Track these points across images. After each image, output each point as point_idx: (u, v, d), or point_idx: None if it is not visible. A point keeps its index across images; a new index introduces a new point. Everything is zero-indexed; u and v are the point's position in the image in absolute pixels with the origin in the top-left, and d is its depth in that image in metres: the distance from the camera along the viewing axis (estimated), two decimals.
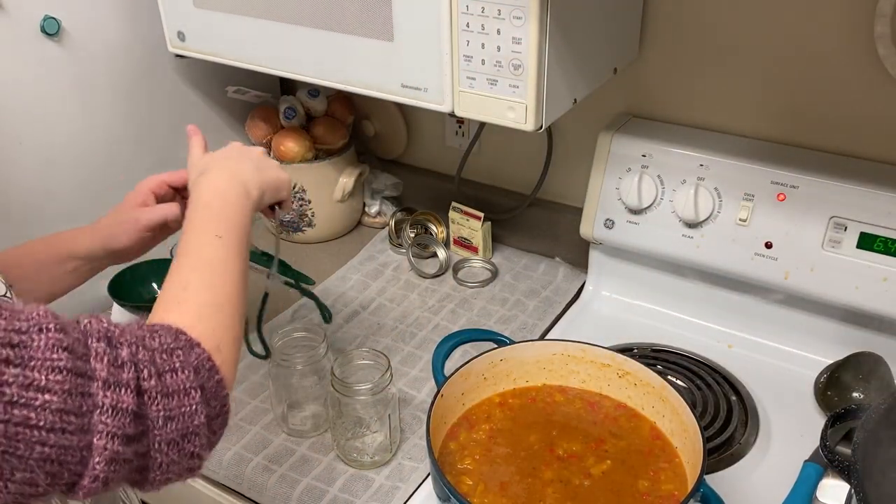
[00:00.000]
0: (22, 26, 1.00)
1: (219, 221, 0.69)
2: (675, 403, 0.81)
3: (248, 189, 0.75)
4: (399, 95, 0.92)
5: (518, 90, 0.82)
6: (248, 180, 0.76)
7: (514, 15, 0.78)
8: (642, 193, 1.03)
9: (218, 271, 0.65)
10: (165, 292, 0.63)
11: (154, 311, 0.62)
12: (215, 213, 0.70)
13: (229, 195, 0.73)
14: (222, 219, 0.70)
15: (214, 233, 0.68)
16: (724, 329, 1.07)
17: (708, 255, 1.01)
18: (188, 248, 0.67)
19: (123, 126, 1.17)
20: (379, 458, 0.89)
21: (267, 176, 0.79)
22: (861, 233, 0.91)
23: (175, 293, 0.63)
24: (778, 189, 0.95)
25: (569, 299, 1.17)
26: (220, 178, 0.74)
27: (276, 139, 1.27)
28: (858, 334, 0.97)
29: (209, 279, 0.64)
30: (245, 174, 0.76)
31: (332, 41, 0.93)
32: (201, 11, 1.04)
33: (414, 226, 1.31)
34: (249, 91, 1.29)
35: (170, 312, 0.60)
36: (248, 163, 0.78)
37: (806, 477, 0.83)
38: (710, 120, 1.06)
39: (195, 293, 0.62)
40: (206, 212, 0.70)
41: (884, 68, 0.89)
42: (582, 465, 0.79)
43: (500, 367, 0.88)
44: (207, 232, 0.68)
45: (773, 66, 0.98)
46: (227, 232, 0.68)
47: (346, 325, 1.13)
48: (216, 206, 0.71)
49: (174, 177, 0.87)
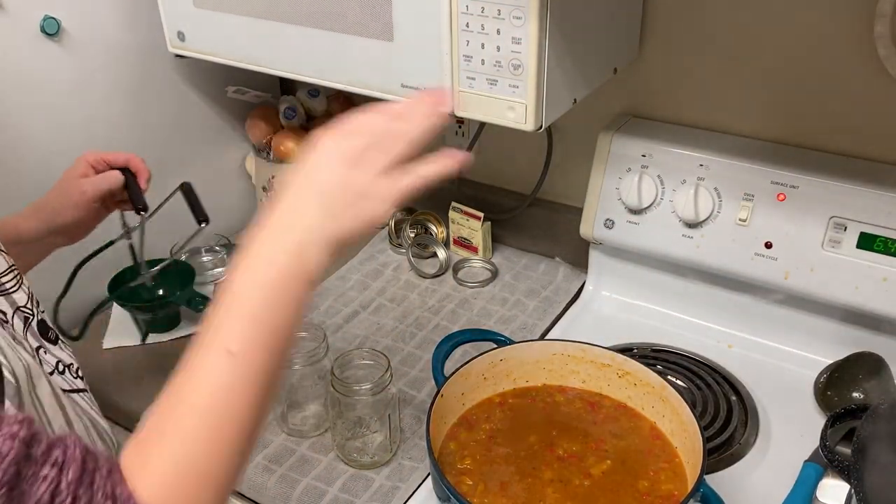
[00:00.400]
0: (22, 26, 1.00)
1: (240, 327, 0.49)
2: (675, 403, 0.81)
3: (308, 264, 0.51)
4: (399, 95, 0.91)
5: (518, 90, 0.82)
6: (316, 243, 0.51)
7: (514, 15, 0.78)
8: (642, 193, 1.03)
9: (214, 419, 0.47)
10: (145, 427, 0.48)
11: (131, 443, 0.48)
12: (241, 310, 0.49)
13: (270, 276, 0.50)
14: (247, 322, 0.49)
15: (227, 345, 0.48)
16: (724, 329, 1.07)
17: (708, 255, 1.01)
18: (188, 363, 0.50)
19: (123, 126, 1.17)
20: (379, 458, 0.89)
21: (355, 224, 0.53)
22: (861, 233, 0.91)
23: (152, 437, 0.48)
24: (778, 189, 0.95)
25: (569, 299, 1.17)
26: (272, 238, 0.52)
27: (276, 139, 1.27)
28: (858, 334, 0.97)
29: (196, 433, 0.47)
30: (317, 231, 0.51)
31: (332, 41, 0.93)
32: (201, 11, 1.04)
33: (414, 226, 1.31)
34: (249, 91, 1.29)
35: (135, 473, 0.45)
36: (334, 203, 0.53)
37: (806, 477, 0.83)
38: (710, 120, 1.06)
39: (170, 454, 0.46)
40: (229, 307, 0.50)
41: (884, 68, 0.89)
42: (582, 465, 0.79)
43: (500, 367, 0.88)
44: (218, 343, 0.48)
45: (774, 65, 0.98)
46: (248, 345, 0.48)
47: (346, 325, 1.13)
48: (244, 299, 0.49)
49: (114, 155, 0.87)
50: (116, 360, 1.07)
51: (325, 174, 0.54)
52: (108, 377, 1.03)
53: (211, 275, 1.25)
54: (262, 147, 1.31)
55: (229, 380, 0.48)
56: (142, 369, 1.05)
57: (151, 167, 0.98)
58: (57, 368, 0.74)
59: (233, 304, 0.50)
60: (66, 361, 0.76)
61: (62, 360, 0.75)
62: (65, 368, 0.75)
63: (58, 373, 0.74)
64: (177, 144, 1.26)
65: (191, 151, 1.29)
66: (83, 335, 0.99)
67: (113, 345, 1.09)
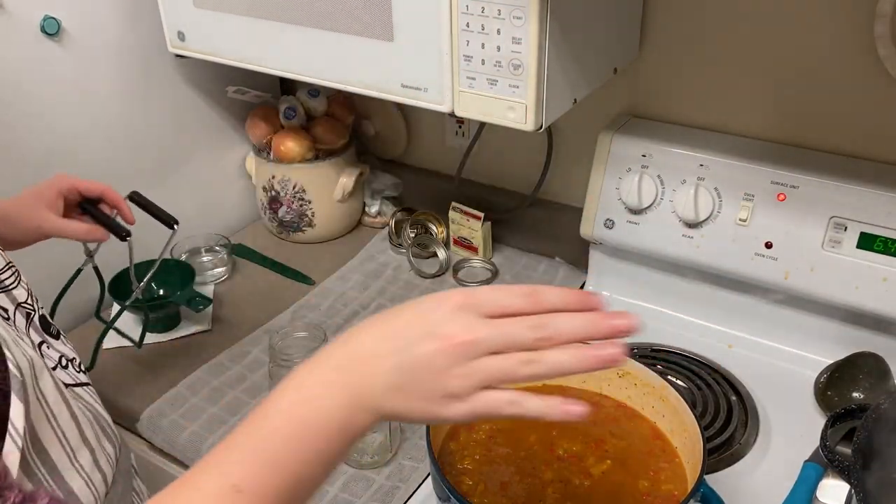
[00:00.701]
0: (22, 26, 1.00)
1: (263, 465, 0.40)
2: (675, 403, 0.80)
3: (354, 426, 0.43)
4: (399, 95, 0.92)
5: (518, 90, 0.82)
6: (369, 410, 0.43)
7: (514, 15, 0.78)
8: (642, 193, 1.03)
9: None
10: None
11: None
12: (264, 446, 0.41)
13: (322, 419, 0.42)
14: (272, 463, 0.40)
15: (234, 480, 0.40)
16: (724, 329, 1.07)
17: (708, 255, 1.01)
18: (185, 484, 0.42)
19: (123, 126, 1.17)
20: (379, 458, 0.89)
21: (415, 416, 0.45)
22: (861, 233, 0.91)
23: None
24: (778, 189, 0.95)
25: None
26: (334, 383, 0.43)
27: (276, 139, 1.27)
28: (858, 334, 0.97)
29: None
30: (377, 398, 0.43)
31: (332, 41, 0.93)
32: (201, 11, 1.04)
33: (414, 226, 1.31)
34: (249, 91, 1.29)
35: None
36: (414, 378, 0.43)
37: (806, 477, 0.83)
38: (710, 120, 1.06)
39: None
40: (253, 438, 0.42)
41: (884, 68, 0.89)
42: (582, 465, 0.79)
43: None
44: (226, 475, 0.41)
45: (773, 65, 0.98)
46: (261, 488, 0.40)
47: (346, 325, 1.13)
48: (279, 435, 0.41)
49: (87, 186, 0.85)
50: (116, 360, 1.07)
51: (431, 337, 0.44)
52: (107, 377, 1.03)
53: (211, 275, 1.25)
54: (262, 147, 1.31)
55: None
56: (141, 369, 1.05)
57: (151, 167, 0.98)
58: (60, 363, 0.74)
59: (254, 436, 0.41)
60: (68, 356, 0.76)
61: (65, 354, 0.76)
62: (68, 363, 0.76)
63: (60, 367, 0.74)
64: (177, 144, 1.26)
65: (191, 151, 1.29)
66: (94, 365, 1.01)
67: (112, 345, 1.09)
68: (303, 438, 0.41)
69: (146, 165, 1.21)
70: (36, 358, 0.65)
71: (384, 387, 0.43)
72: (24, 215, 0.81)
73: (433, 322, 0.44)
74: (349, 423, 0.42)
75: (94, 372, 1.03)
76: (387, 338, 0.44)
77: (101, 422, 0.73)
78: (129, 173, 1.17)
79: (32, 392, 0.62)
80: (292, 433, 0.41)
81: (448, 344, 0.43)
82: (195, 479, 0.42)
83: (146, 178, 1.21)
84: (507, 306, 0.45)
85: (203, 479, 0.41)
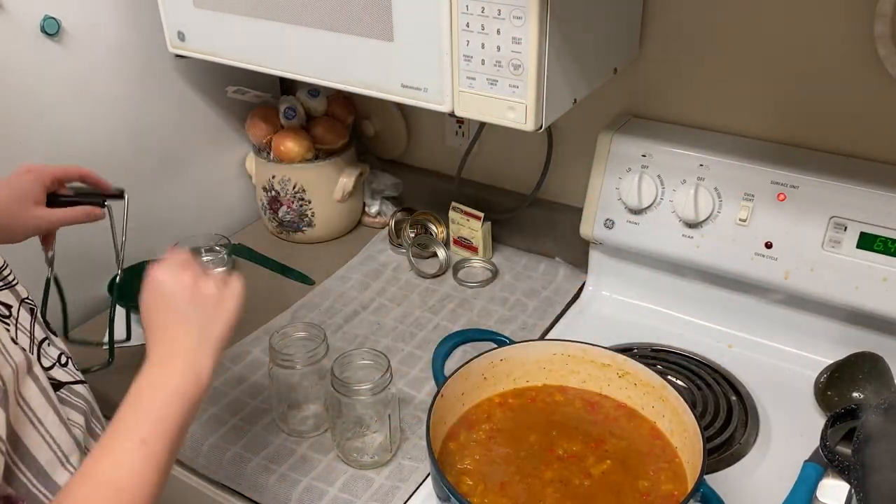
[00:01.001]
0: (22, 26, 1.00)
1: (154, 422, 0.59)
2: (675, 403, 0.80)
3: (201, 376, 0.63)
4: (399, 95, 0.91)
5: (518, 90, 0.82)
6: (202, 361, 0.63)
7: (514, 15, 0.78)
8: (642, 193, 1.03)
9: (128, 497, 0.55)
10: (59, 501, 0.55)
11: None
12: (150, 409, 0.60)
13: (173, 385, 0.61)
14: (158, 419, 0.59)
15: (140, 435, 0.58)
16: (724, 329, 1.07)
17: (708, 255, 1.01)
18: (105, 448, 0.58)
19: (123, 126, 1.17)
20: (379, 458, 0.89)
21: (221, 333, 0.66)
22: (861, 233, 0.91)
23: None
24: (778, 189, 0.95)
25: (569, 299, 1.17)
26: (173, 363, 0.63)
27: (276, 139, 1.27)
28: (858, 334, 0.97)
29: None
30: (199, 352, 0.64)
31: (332, 41, 0.93)
32: (201, 11, 1.04)
33: (414, 226, 1.31)
34: (249, 91, 1.29)
35: None
36: (204, 328, 0.65)
37: (806, 477, 0.83)
38: (710, 120, 1.06)
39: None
40: (142, 407, 0.60)
41: (884, 68, 0.89)
42: (582, 465, 0.79)
43: (500, 367, 0.88)
44: (132, 434, 0.58)
45: (773, 65, 0.98)
46: (160, 437, 0.58)
47: (346, 325, 1.13)
48: (156, 401, 0.60)
49: (63, 171, 0.88)
50: (116, 359, 1.07)
51: (201, 296, 0.67)
52: (107, 376, 1.02)
53: None
54: (262, 147, 1.31)
55: (143, 466, 0.57)
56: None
57: (151, 167, 0.98)
58: (59, 361, 0.74)
59: (147, 408, 0.60)
60: (68, 353, 0.76)
61: (64, 351, 0.76)
62: (67, 360, 0.76)
63: (60, 365, 0.74)
64: (177, 144, 1.26)
65: (191, 151, 1.29)
66: (112, 357, 1.03)
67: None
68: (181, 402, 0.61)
69: (146, 165, 1.21)
70: (21, 363, 0.64)
71: (206, 349, 0.64)
72: (17, 218, 0.82)
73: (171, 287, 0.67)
74: (200, 383, 0.63)
75: (94, 371, 1.03)
76: (166, 324, 0.65)
77: (96, 413, 0.74)
78: (129, 173, 1.17)
79: (14, 400, 0.62)
80: (175, 404, 0.61)
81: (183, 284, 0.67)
82: (114, 446, 0.58)
83: (146, 177, 1.22)
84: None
85: (117, 439, 0.58)
